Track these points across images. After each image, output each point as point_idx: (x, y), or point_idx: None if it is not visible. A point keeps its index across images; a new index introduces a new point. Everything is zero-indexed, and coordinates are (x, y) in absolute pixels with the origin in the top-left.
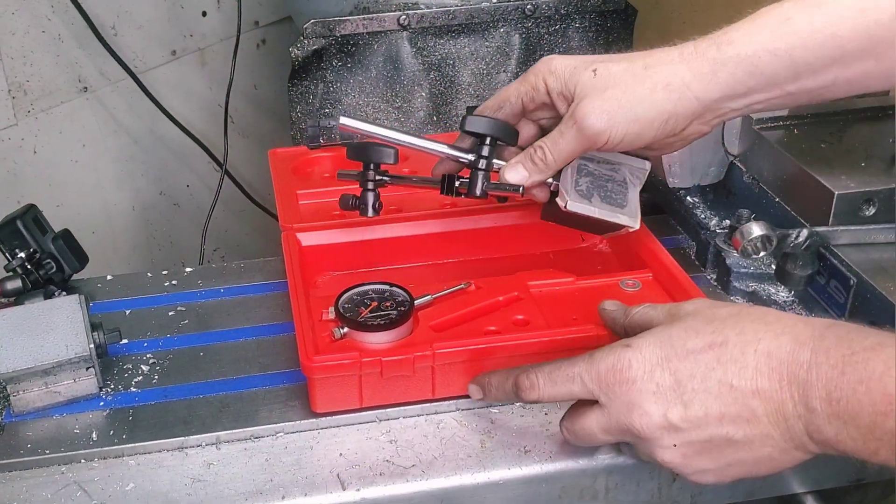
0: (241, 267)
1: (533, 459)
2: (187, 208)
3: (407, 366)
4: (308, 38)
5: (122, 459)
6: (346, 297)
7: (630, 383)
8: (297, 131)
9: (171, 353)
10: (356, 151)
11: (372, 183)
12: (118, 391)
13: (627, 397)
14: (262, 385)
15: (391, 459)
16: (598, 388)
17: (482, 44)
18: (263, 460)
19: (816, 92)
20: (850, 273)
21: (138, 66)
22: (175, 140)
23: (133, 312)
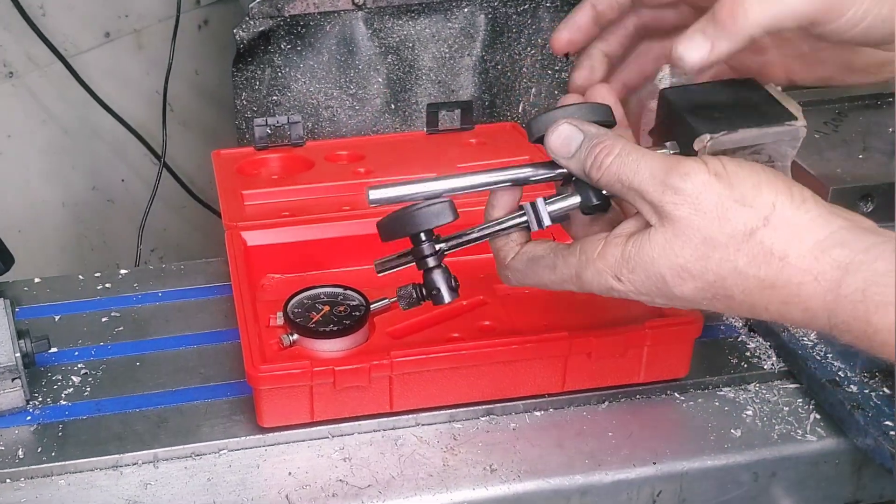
0: (181, 269)
1: (500, 479)
2: (122, 205)
3: (362, 376)
4: (254, 19)
5: (52, 479)
6: (296, 300)
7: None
8: (242, 120)
9: (105, 362)
10: (395, 227)
11: (433, 258)
12: (46, 404)
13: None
14: (204, 398)
15: (345, 479)
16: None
17: (444, 25)
18: (205, 480)
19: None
20: None
21: (69, 49)
22: (109, 130)
23: (63, 318)
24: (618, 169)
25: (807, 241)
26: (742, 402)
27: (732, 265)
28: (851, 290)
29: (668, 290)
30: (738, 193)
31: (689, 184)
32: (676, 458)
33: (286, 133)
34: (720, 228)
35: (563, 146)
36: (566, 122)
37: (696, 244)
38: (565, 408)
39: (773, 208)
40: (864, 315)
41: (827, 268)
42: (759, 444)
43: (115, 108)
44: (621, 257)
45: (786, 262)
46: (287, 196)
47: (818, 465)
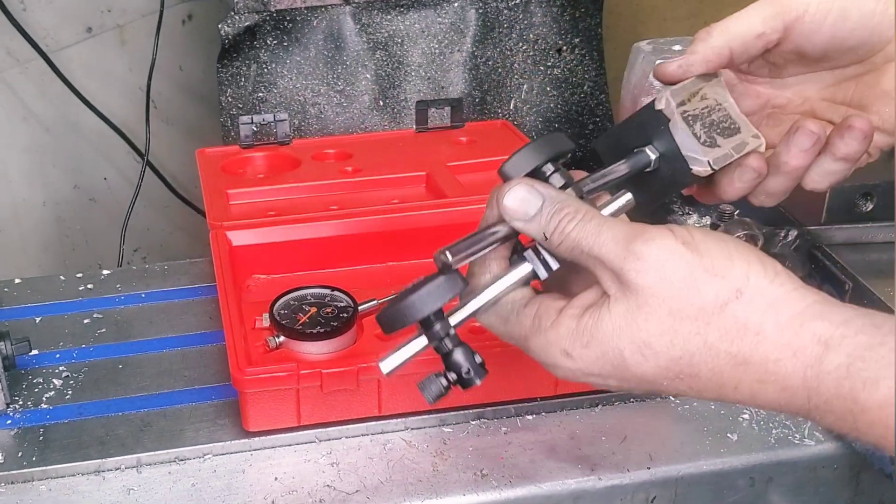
0: (165, 269)
1: (490, 485)
2: (105, 204)
3: (350, 379)
4: (239, 14)
5: (32, 484)
6: (282, 302)
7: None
8: (227, 118)
9: (87, 365)
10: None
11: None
12: (27, 408)
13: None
14: (189, 401)
15: (332, 484)
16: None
17: (434, 20)
18: (190, 485)
19: None
20: (845, 276)
21: (50, 44)
22: (91, 128)
23: (44, 320)
24: (578, 235)
25: (783, 315)
26: (738, 405)
27: (702, 339)
28: (834, 365)
29: (624, 370)
30: (709, 263)
31: (654, 249)
32: (671, 462)
33: (272, 131)
34: (689, 299)
35: (521, 209)
36: (522, 184)
37: (662, 316)
38: (557, 412)
39: (746, 280)
40: (850, 393)
41: (807, 342)
42: (755, 448)
43: (98, 104)
44: (576, 330)
45: (762, 337)
46: (273, 195)
47: (816, 469)
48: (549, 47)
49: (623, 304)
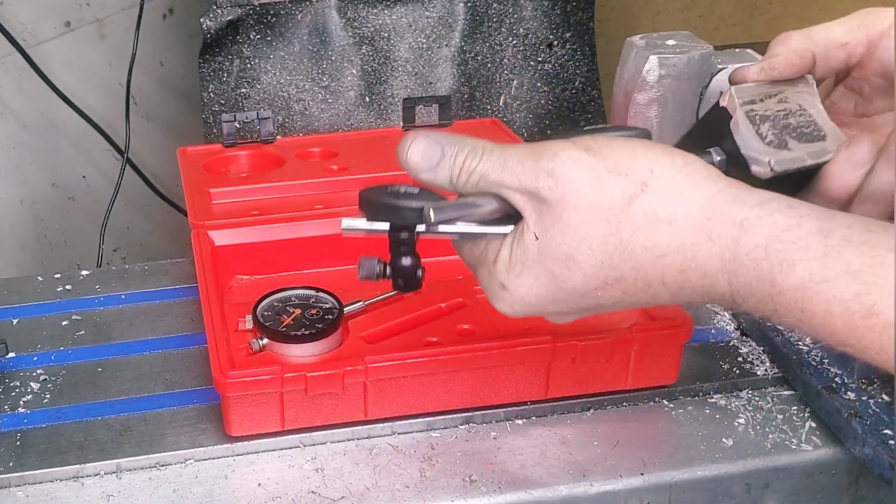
0: (145, 269)
1: (479, 491)
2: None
3: (335, 382)
4: (222, 7)
5: (9, 490)
6: (266, 303)
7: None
8: (209, 114)
9: (65, 368)
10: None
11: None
12: (4, 412)
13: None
14: (170, 405)
15: (317, 490)
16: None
17: (421, 14)
18: (171, 491)
19: None
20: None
21: (27, 39)
22: (69, 124)
23: (21, 322)
24: (483, 167)
25: (694, 201)
26: (734, 409)
27: (617, 239)
28: (752, 246)
29: (557, 290)
30: (611, 163)
31: (559, 162)
32: (665, 468)
33: (256, 129)
34: (597, 202)
35: (425, 159)
36: (421, 136)
37: (576, 226)
38: (548, 415)
39: (650, 173)
40: (768, 275)
41: (721, 225)
42: (751, 453)
43: (76, 101)
44: (508, 261)
45: (674, 226)
46: (256, 194)
47: (814, 475)
48: (540, 42)
49: (540, 223)
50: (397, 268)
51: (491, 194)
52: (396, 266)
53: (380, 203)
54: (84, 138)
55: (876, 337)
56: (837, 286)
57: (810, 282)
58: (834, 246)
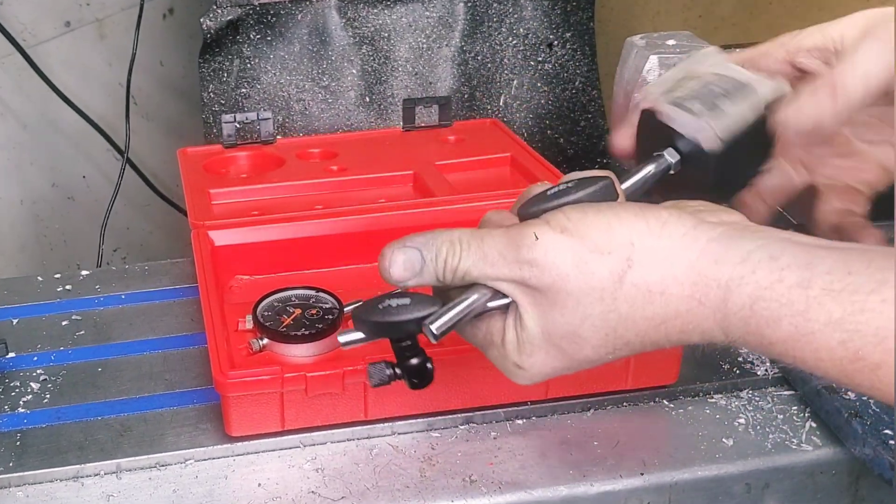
0: (145, 269)
1: (479, 491)
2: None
3: (335, 382)
4: (222, 7)
5: (9, 491)
6: (266, 303)
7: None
8: (209, 114)
9: (65, 368)
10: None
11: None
12: (4, 412)
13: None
14: (170, 405)
15: (317, 490)
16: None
17: (421, 13)
18: (171, 491)
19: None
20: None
21: (27, 39)
22: (70, 124)
23: (21, 322)
24: (465, 266)
25: (679, 266)
26: (734, 409)
27: (617, 315)
28: (738, 307)
29: (570, 360)
30: (591, 243)
31: (539, 251)
32: (665, 468)
33: (256, 130)
34: (587, 284)
35: (407, 270)
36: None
37: (573, 307)
38: (548, 416)
39: (631, 246)
40: (757, 330)
41: (708, 290)
42: (752, 453)
43: (76, 101)
44: (517, 344)
45: (667, 296)
46: (256, 195)
47: (814, 475)
48: (540, 42)
49: (537, 307)
50: (407, 369)
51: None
52: (406, 367)
53: (376, 323)
54: (84, 138)
55: (865, 378)
56: (823, 336)
57: (797, 334)
58: (815, 297)
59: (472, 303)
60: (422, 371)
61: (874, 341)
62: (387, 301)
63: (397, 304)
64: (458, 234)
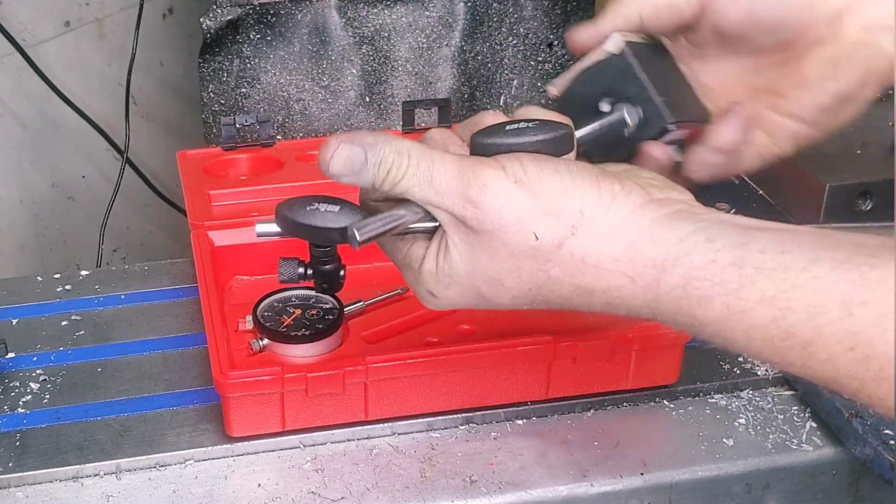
0: (145, 269)
1: (480, 491)
2: (83, 202)
3: (336, 382)
4: (222, 7)
5: (9, 491)
6: (266, 303)
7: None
8: (209, 114)
9: (65, 368)
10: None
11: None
12: (3, 412)
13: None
14: (170, 405)
15: (317, 491)
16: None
17: (422, 13)
18: (170, 492)
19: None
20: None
21: (27, 39)
22: (69, 124)
23: (21, 322)
24: (410, 182)
25: (619, 244)
26: (734, 409)
27: (545, 275)
28: (671, 286)
29: (486, 301)
30: (543, 203)
31: (488, 196)
32: (665, 468)
33: (255, 132)
34: (526, 241)
35: (347, 167)
36: (344, 143)
37: (505, 256)
38: (549, 416)
39: (580, 216)
40: (689, 311)
41: (642, 268)
42: (752, 453)
43: (76, 101)
44: (436, 273)
45: (601, 269)
46: (256, 196)
47: (814, 475)
48: (540, 42)
49: (468, 245)
50: (320, 272)
51: (414, 203)
52: (319, 270)
53: (299, 224)
54: (84, 138)
55: (797, 357)
56: (754, 315)
57: (728, 313)
58: (748, 276)
59: (400, 218)
60: (334, 276)
61: (805, 318)
62: (315, 204)
63: (325, 210)
64: (409, 147)
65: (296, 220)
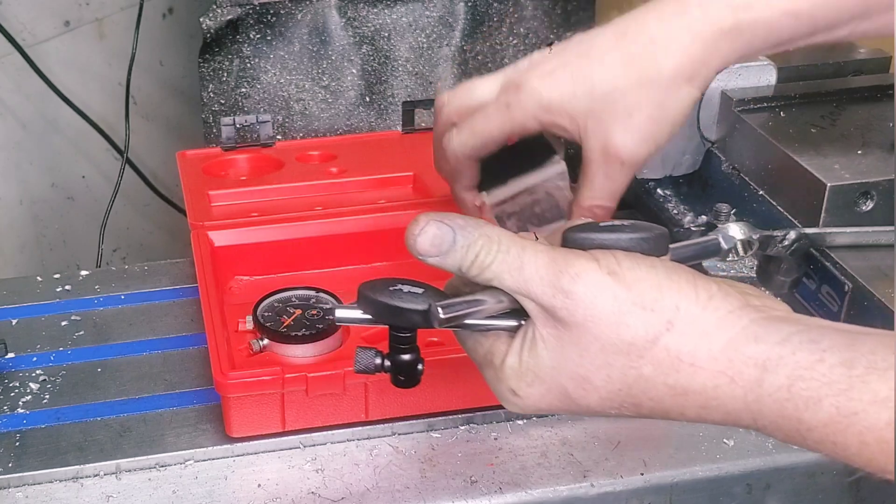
0: (145, 270)
1: (480, 492)
2: (83, 202)
3: (336, 382)
4: (221, 7)
5: (8, 491)
6: (266, 304)
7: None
8: (209, 114)
9: (65, 368)
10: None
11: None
12: (3, 413)
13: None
14: (169, 406)
15: (317, 491)
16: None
17: (422, 13)
18: (170, 492)
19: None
20: (844, 277)
21: (26, 38)
22: (69, 124)
23: (21, 322)
24: (499, 269)
25: (717, 342)
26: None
27: (637, 373)
28: (775, 387)
29: (570, 402)
30: (637, 296)
31: (580, 286)
32: (666, 468)
33: (255, 132)
34: (619, 335)
35: (434, 246)
36: (433, 222)
37: (595, 352)
38: (549, 416)
39: (676, 311)
40: (794, 413)
41: (743, 367)
42: (752, 453)
43: (76, 100)
44: (519, 369)
45: (697, 367)
46: (256, 196)
47: (815, 476)
48: (541, 42)
49: (557, 340)
50: (397, 363)
51: (501, 291)
52: (396, 361)
53: (382, 304)
54: (83, 138)
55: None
56: (867, 417)
57: (838, 416)
58: (858, 376)
59: (483, 303)
60: (412, 369)
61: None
62: (399, 285)
63: (408, 291)
64: (499, 234)
65: (378, 299)
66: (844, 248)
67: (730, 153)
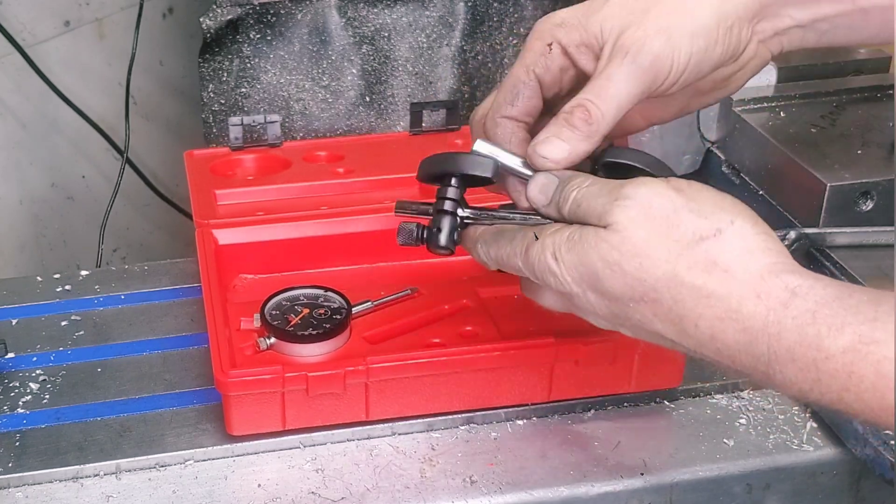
0: (145, 270)
1: (480, 491)
2: (83, 202)
3: (337, 382)
4: (222, 7)
5: (8, 491)
6: (274, 302)
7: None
8: (209, 114)
9: (65, 368)
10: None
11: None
12: (3, 412)
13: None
14: (170, 405)
15: (317, 491)
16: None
17: (422, 13)
18: (170, 492)
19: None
20: (844, 277)
21: (26, 38)
22: (69, 124)
23: (21, 322)
24: (578, 195)
25: (757, 263)
26: (735, 410)
27: (670, 268)
28: (800, 311)
29: (597, 280)
30: (696, 205)
31: (642, 189)
32: (666, 468)
33: (263, 132)
34: (667, 231)
35: (542, 194)
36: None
37: (636, 241)
38: (549, 416)
39: (731, 224)
40: (814, 339)
41: (773, 288)
42: (752, 454)
43: (76, 100)
44: (566, 237)
45: (729, 275)
46: (262, 196)
47: (815, 476)
48: None
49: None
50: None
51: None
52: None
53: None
54: (83, 138)
55: None
56: (889, 346)
57: (859, 343)
58: (885, 311)
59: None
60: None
61: None
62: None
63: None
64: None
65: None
66: (844, 248)
67: (730, 153)
